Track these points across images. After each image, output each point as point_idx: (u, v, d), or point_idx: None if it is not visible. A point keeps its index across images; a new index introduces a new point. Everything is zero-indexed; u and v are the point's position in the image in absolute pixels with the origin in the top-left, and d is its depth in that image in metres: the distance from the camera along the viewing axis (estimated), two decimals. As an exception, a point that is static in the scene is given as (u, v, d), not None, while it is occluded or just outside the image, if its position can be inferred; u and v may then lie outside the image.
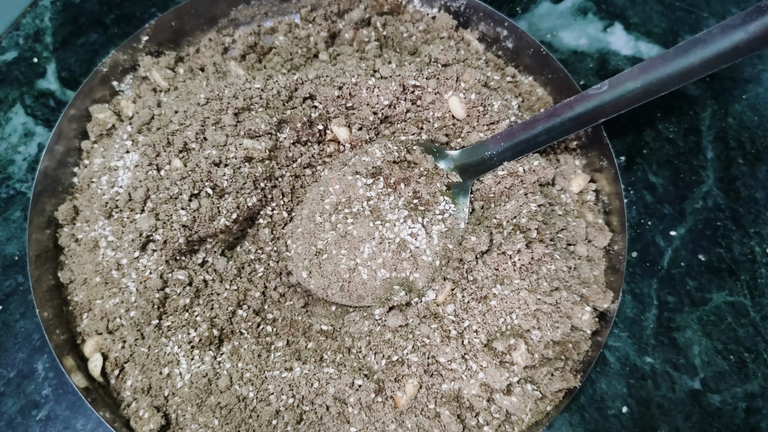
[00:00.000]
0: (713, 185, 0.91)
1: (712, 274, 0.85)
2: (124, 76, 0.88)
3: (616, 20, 1.05)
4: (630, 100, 0.72)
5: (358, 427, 0.67)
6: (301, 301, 0.79)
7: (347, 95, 0.83)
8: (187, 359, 0.70)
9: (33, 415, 0.75)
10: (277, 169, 0.80)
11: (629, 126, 0.95)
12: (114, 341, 0.71)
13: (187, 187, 0.73)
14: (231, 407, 0.68)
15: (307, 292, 0.80)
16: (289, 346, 0.74)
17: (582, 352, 0.73)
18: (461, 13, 0.94)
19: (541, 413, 0.70)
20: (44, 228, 0.77)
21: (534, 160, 0.79)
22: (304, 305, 0.79)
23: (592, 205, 0.84)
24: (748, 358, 0.80)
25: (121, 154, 0.77)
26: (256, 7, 0.95)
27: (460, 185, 0.81)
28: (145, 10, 1.04)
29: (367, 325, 0.72)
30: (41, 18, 1.03)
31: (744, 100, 0.97)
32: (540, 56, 0.88)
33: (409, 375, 0.68)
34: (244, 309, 0.75)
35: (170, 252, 0.72)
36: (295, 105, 0.82)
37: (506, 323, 0.71)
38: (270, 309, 0.77)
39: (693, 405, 0.77)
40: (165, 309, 0.72)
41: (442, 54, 0.85)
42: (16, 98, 0.96)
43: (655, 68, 0.70)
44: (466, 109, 0.83)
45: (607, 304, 0.74)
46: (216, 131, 0.77)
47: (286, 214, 0.82)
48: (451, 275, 0.72)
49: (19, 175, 0.90)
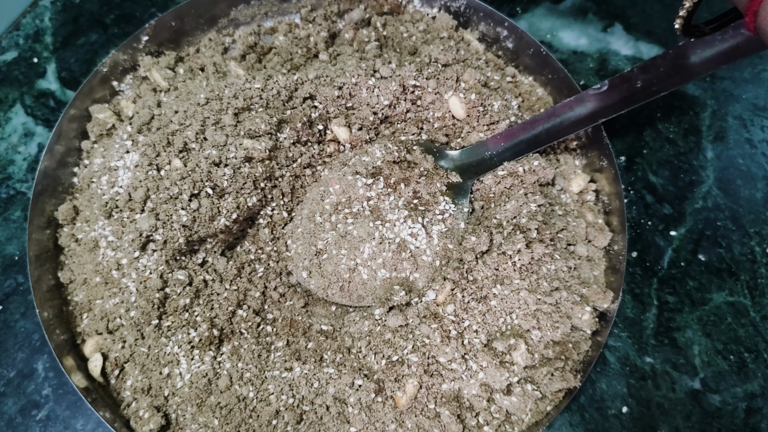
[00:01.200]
0: (713, 185, 0.91)
1: (712, 274, 0.85)
2: (124, 76, 0.88)
3: (616, 20, 1.05)
4: (630, 101, 0.72)
5: (358, 427, 0.67)
6: (301, 301, 0.79)
7: (347, 95, 0.83)
8: (187, 359, 0.70)
9: (33, 415, 0.75)
10: (277, 169, 0.80)
11: (629, 126, 0.95)
12: (114, 341, 0.71)
13: (187, 187, 0.73)
14: (231, 407, 0.68)
15: (307, 292, 0.80)
16: (289, 346, 0.74)
17: (582, 352, 0.73)
18: (461, 13, 0.94)
19: (541, 413, 0.70)
20: (44, 228, 0.77)
21: (534, 160, 0.79)
22: (304, 305, 0.79)
23: (592, 205, 0.84)
24: (748, 358, 0.80)
25: (121, 154, 0.77)
26: (256, 7, 0.95)
27: (459, 185, 0.80)
28: (145, 10, 1.04)
29: (367, 325, 0.72)
30: (41, 18, 1.03)
31: (744, 100, 0.97)
32: (540, 56, 0.88)
33: (409, 375, 0.68)
34: (244, 309, 0.75)
35: (170, 252, 0.72)
36: (295, 105, 0.82)
37: (506, 323, 0.71)
38: (270, 309, 0.77)
39: (693, 405, 0.77)
40: (165, 309, 0.72)
41: (442, 54, 0.85)
42: (16, 98, 0.96)
43: (655, 69, 0.70)
44: (466, 109, 0.83)
45: (607, 304, 0.74)
46: (216, 131, 0.77)
47: (286, 214, 0.82)
48: (451, 275, 0.72)
49: (19, 175, 0.90)
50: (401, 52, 0.91)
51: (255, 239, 0.81)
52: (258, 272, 0.79)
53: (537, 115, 0.78)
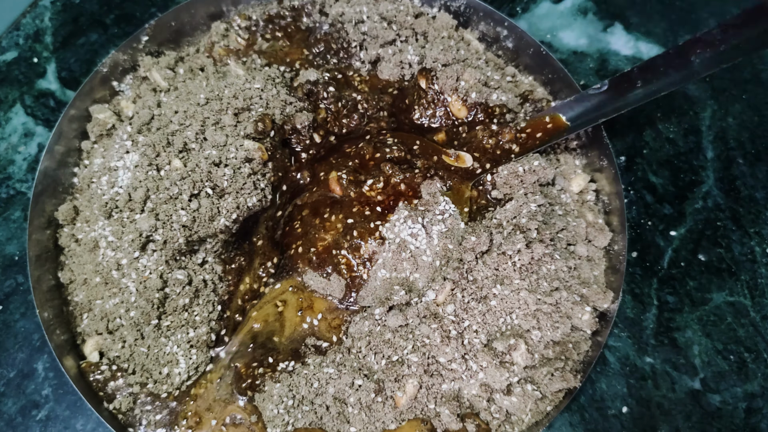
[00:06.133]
0: (713, 185, 0.91)
1: (712, 274, 0.85)
2: (124, 76, 0.88)
3: (616, 20, 1.05)
4: (630, 100, 0.71)
5: (358, 427, 0.67)
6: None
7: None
8: (186, 359, 0.70)
9: (33, 415, 0.75)
10: (278, 170, 0.80)
11: (629, 126, 0.95)
12: (114, 341, 0.71)
13: (187, 187, 0.73)
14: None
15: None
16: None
17: (582, 352, 0.73)
18: (461, 12, 0.94)
19: (541, 413, 0.70)
20: (44, 228, 0.77)
21: (534, 160, 0.79)
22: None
23: (592, 205, 0.84)
24: (748, 358, 0.80)
25: (121, 154, 0.77)
26: (256, 7, 0.94)
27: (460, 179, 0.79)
28: (145, 10, 1.04)
29: (367, 325, 0.72)
30: (41, 18, 1.03)
31: (744, 100, 0.97)
32: (540, 56, 0.88)
33: (409, 375, 0.68)
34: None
35: (170, 252, 0.72)
36: (296, 105, 0.82)
37: (506, 323, 0.71)
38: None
39: (693, 405, 0.77)
40: (164, 309, 0.72)
41: (442, 54, 0.85)
42: (16, 98, 0.96)
43: (654, 68, 0.70)
44: (467, 109, 0.83)
45: (607, 304, 0.74)
46: (216, 131, 0.77)
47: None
48: (451, 275, 0.72)
49: (19, 175, 0.90)
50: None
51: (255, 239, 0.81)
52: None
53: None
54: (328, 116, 0.85)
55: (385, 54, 0.89)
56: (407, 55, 0.88)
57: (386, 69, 0.89)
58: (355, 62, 0.91)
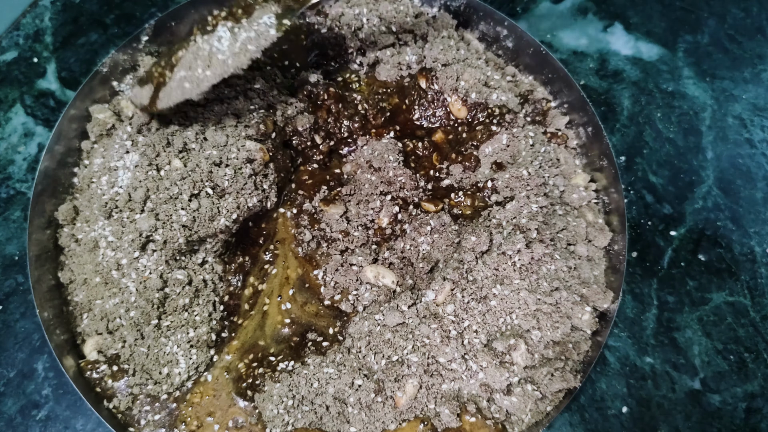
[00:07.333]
0: (713, 185, 0.91)
1: (712, 274, 0.85)
2: (124, 76, 0.88)
3: (616, 20, 1.05)
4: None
5: (358, 427, 0.67)
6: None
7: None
8: (185, 359, 0.70)
9: (33, 415, 0.75)
10: (279, 171, 0.80)
11: (629, 126, 0.95)
12: (114, 341, 0.71)
13: (187, 187, 0.73)
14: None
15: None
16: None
17: (582, 352, 0.73)
18: (461, 12, 0.94)
19: (541, 413, 0.70)
20: (44, 228, 0.77)
21: (534, 161, 0.79)
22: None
23: (592, 205, 0.83)
24: (748, 358, 0.80)
25: (121, 154, 0.77)
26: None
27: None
28: (145, 10, 1.04)
29: (367, 325, 0.72)
30: (41, 18, 1.03)
31: (744, 100, 0.97)
32: (540, 56, 0.88)
33: (409, 375, 0.68)
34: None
35: (170, 252, 0.72)
36: (297, 107, 0.82)
37: (506, 323, 0.71)
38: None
39: (693, 405, 0.77)
40: (165, 309, 0.72)
41: (442, 54, 0.85)
42: (16, 98, 0.96)
43: None
44: (467, 109, 0.83)
45: (607, 304, 0.74)
46: (216, 131, 0.77)
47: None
48: (451, 275, 0.72)
49: (19, 175, 0.90)
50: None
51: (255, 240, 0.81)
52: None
53: None
54: (329, 118, 0.85)
55: (383, 56, 0.90)
56: (405, 56, 0.88)
57: (383, 71, 0.89)
58: (353, 65, 0.92)
